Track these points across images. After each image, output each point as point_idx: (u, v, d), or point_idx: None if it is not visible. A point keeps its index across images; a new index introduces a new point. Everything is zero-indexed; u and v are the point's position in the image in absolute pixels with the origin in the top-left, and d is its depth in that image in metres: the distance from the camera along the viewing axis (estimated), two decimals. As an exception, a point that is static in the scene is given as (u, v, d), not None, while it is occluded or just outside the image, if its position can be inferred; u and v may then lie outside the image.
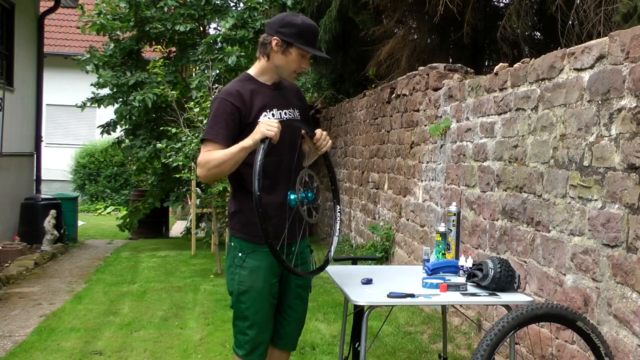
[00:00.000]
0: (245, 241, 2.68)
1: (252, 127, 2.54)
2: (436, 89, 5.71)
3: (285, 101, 2.74)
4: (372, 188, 7.83)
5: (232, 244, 2.74)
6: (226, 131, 2.57)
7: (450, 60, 8.01)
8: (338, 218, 2.75)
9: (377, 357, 4.33)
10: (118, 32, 9.43)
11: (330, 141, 2.72)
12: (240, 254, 2.68)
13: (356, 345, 2.81)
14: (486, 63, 9.16)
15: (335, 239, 2.72)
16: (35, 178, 10.02)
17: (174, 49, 10.00)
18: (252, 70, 2.74)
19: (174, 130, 7.60)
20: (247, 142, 2.47)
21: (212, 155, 2.54)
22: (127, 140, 9.96)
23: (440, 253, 3.25)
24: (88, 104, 9.44)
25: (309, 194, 2.57)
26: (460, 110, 5.07)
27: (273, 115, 2.66)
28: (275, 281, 2.70)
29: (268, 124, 2.44)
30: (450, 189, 5.23)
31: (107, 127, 9.80)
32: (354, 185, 8.83)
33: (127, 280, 6.98)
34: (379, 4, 8.25)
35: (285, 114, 2.70)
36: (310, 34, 2.65)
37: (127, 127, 9.75)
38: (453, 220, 3.28)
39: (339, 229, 2.76)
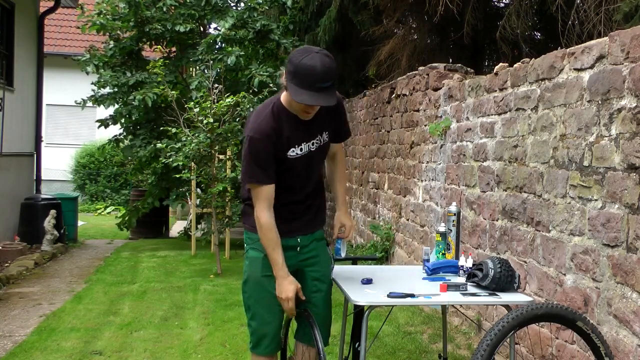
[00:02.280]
0: (250, 232, 2.79)
1: (285, 162, 2.62)
2: (436, 89, 5.71)
3: (311, 130, 2.67)
4: (372, 188, 7.83)
5: (245, 236, 2.88)
6: (268, 174, 2.60)
7: (450, 60, 8.02)
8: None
9: (377, 357, 4.33)
10: (118, 32, 9.42)
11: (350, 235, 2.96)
12: (246, 245, 2.82)
13: (356, 345, 2.81)
14: (486, 63, 9.17)
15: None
16: (35, 178, 10.01)
17: (174, 49, 9.99)
18: (283, 98, 2.64)
19: (174, 130, 7.60)
20: (276, 272, 2.63)
21: (264, 229, 2.62)
22: (126, 140, 9.95)
23: (440, 253, 3.25)
24: (89, 102, 9.42)
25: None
26: (460, 110, 5.07)
27: (301, 150, 2.65)
28: None
29: (286, 306, 2.65)
30: (450, 189, 5.23)
31: (106, 121, 9.77)
32: (354, 185, 8.83)
33: (127, 280, 6.98)
34: (379, 4, 8.25)
35: (312, 145, 2.68)
36: (307, 75, 2.37)
37: (126, 125, 9.72)
38: (453, 220, 3.29)
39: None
